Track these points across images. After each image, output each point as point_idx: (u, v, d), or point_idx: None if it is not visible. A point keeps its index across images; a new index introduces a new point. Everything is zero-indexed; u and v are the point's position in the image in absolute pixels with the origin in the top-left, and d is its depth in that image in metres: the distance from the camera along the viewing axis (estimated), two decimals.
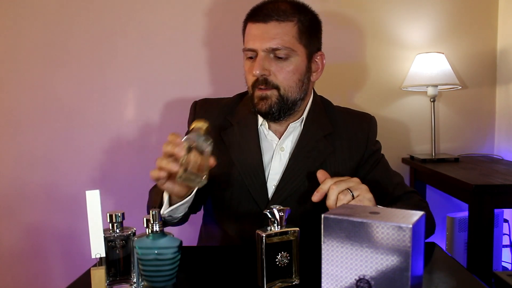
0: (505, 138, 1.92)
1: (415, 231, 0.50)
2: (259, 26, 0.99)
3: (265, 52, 0.99)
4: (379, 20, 1.94)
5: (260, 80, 1.00)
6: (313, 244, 0.80)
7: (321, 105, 1.13)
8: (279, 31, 0.99)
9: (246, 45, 1.02)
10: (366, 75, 1.95)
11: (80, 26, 1.89)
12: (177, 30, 1.90)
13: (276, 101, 1.01)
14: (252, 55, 1.01)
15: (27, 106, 1.90)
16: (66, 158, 1.91)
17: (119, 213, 0.74)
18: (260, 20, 1.00)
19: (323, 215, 0.55)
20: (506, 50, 1.90)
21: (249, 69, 1.02)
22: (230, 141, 1.08)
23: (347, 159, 1.08)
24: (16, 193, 1.91)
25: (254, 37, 1.00)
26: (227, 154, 1.07)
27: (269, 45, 0.98)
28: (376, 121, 1.16)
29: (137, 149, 1.91)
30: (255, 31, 1.00)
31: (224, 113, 1.12)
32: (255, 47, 0.99)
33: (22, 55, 1.89)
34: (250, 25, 1.02)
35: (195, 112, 1.15)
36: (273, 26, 0.99)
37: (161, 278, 0.70)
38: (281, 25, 0.99)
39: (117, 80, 1.91)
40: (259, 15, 1.00)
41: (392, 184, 1.08)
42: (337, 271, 0.54)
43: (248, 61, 1.03)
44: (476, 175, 1.51)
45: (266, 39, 0.98)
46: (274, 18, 0.99)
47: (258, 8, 1.02)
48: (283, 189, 1.04)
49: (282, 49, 0.99)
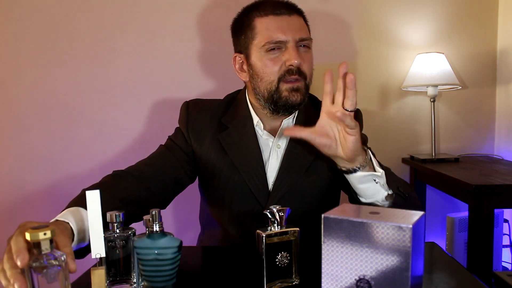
0: (505, 138, 1.92)
1: (415, 231, 0.50)
2: (284, 18, 1.01)
3: (295, 43, 1.01)
4: (379, 20, 1.94)
5: (293, 69, 1.00)
6: (313, 244, 0.80)
7: (309, 100, 1.13)
8: (302, 23, 1.04)
9: (272, 38, 1.00)
10: (366, 75, 1.95)
11: (80, 26, 1.89)
12: (177, 30, 1.90)
13: (304, 92, 1.03)
14: (277, 46, 1.01)
15: (27, 106, 1.90)
16: (66, 158, 1.91)
17: (119, 213, 0.74)
18: (284, 13, 1.02)
19: (323, 215, 0.55)
20: (506, 50, 1.90)
21: (274, 60, 1.01)
22: (228, 144, 1.08)
23: None
24: (16, 193, 1.91)
25: (283, 29, 1.00)
26: (226, 157, 1.07)
27: (300, 36, 1.01)
28: (362, 114, 1.17)
29: (137, 149, 1.91)
30: (281, 23, 1.01)
31: (218, 116, 1.12)
32: (287, 38, 1.00)
33: (22, 54, 1.89)
34: (272, 18, 1.01)
35: (188, 112, 1.13)
36: (296, 18, 1.03)
37: (161, 278, 0.70)
38: (300, 18, 1.05)
39: (118, 79, 1.91)
40: (278, 8, 1.02)
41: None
42: (337, 271, 0.54)
43: (270, 54, 1.02)
44: (476, 175, 1.51)
45: (295, 30, 1.01)
46: (296, 11, 1.04)
47: (269, 3, 1.03)
48: (281, 185, 1.05)
49: (308, 39, 1.04)
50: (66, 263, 0.59)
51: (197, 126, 1.11)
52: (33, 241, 0.55)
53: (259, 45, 1.02)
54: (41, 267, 0.56)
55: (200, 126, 1.11)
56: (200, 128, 1.11)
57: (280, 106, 1.03)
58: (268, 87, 1.03)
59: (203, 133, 1.10)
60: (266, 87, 1.03)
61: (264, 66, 1.02)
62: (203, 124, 1.11)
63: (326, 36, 1.93)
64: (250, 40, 1.04)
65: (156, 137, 1.91)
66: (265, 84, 1.03)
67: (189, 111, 1.14)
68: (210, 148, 1.09)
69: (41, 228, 0.56)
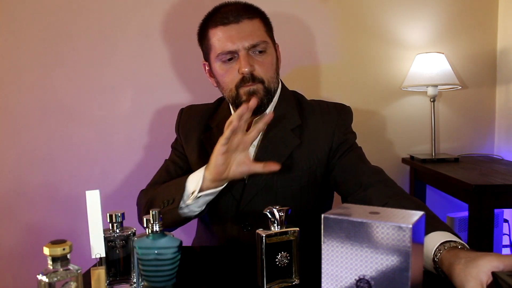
0: (505, 138, 1.92)
1: (415, 231, 0.50)
2: (232, 27, 1.01)
3: (245, 50, 1.00)
4: (379, 20, 1.94)
5: (246, 77, 1.01)
6: (313, 244, 0.80)
7: (292, 99, 1.13)
8: (253, 28, 1.02)
9: (223, 49, 1.01)
10: (366, 75, 1.95)
11: (80, 26, 1.89)
12: (177, 30, 1.90)
13: (263, 94, 1.03)
14: (230, 57, 1.02)
15: (26, 106, 1.90)
16: (66, 158, 1.91)
17: (119, 213, 0.74)
18: (231, 21, 1.01)
19: (323, 215, 0.55)
20: (506, 50, 1.90)
21: (229, 71, 1.03)
22: (210, 144, 1.08)
23: (315, 149, 1.07)
24: (16, 193, 1.91)
25: (231, 38, 1.00)
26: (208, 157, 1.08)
27: (250, 42, 1.00)
28: (351, 111, 1.15)
29: (137, 149, 1.91)
30: (230, 32, 1.01)
31: (205, 119, 1.17)
32: (236, 47, 1.00)
33: (22, 55, 1.89)
34: (221, 29, 1.02)
35: (180, 118, 1.21)
36: (246, 24, 1.01)
37: (161, 278, 0.70)
38: (252, 22, 1.02)
39: (117, 79, 1.91)
40: (226, 17, 1.01)
41: (365, 172, 1.01)
42: (337, 271, 0.54)
43: (224, 64, 1.04)
44: (476, 175, 1.51)
45: (245, 37, 1.00)
46: (245, 16, 1.02)
47: (220, 12, 1.03)
48: (253, 184, 1.05)
49: (260, 44, 1.02)
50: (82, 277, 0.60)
51: (186, 130, 1.17)
52: (51, 256, 0.57)
53: (215, 56, 1.04)
54: (59, 281, 0.57)
55: (188, 130, 1.16)
56: (188, 132, 1.16)
57: None
58: (229, 94, 1.06)
59: (190, 136, 1.16)
60: (228, 94, 1.06)
61: (222, 76, 1.06)
62: (191, 128, 1.16)
63: (325, 36, 1.93)
64: (208, 50, 1.07)
65: (156, 136, 1.91)
66: (227, 92, 1.06)
67: (181, 117, 1.21)
68: (194, 149, 1.14)
69: (60, 243, 0.58)
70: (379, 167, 1.05)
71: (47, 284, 0.57)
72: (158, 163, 1.22)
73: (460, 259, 0.65)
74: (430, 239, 0.74)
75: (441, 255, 0.70)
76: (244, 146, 0.92)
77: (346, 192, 1.02)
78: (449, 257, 0.68)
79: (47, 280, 0.56)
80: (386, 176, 1.02)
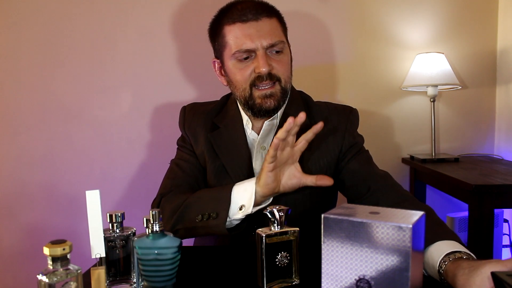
0: (505, 138, 1.92)
1: (415, 231, 0.50)
2: (252, 25, 0.98)
3: (264, 49, 0.98)
4: (379, 20, 1.94)
5: (264, 76, 0.99)
6: (313, 244, 0.80)
7: (299, 100, 1.12)
8: (272, 26, 1.00)
9: (241, 47, 0.98)
10: (366, 75, 1.95)
11: (80, 27, 1.89)
12: (177, 30, 1.90)
13: (280, 95, 1.02)
14: (247, 55, 1.00)
15: (26, 106, 1.90)
16: (66, 158, 1.91)
17: (119, 213, 0.74)
18: (250, 18, 0.98)
19: (323, 215, 0.55)
20: (506, 50, 1.90)
21: (243, 69, 1.01)
22: (218, 145, 1.08)
23: (324, 153, 1.06)
24: (16, 193, 1.91)
25: (250, 36, 0.97)
26: (217, 158, 1.07)
27: (269, 42, 0.98)
28: (358, 114, 1.13)
29: (137, 149, 1.91)
30: (249, 30, 0.98)
31: (211, 117, 1.13)
32: (255, 46, 0.98)
33: (22, 55, 1.89)
34: (239, 26, 0.98)
35: (184, 116, 1.16)
36: (265, 23, 0.99)
37: (161, 278, 0.70)
38: (271, 21, 1.00)
39: (117, 80, 1.91)
40: (245, 14, 0.98)
41: (374, 176, 1.02)
42: (337, 271, 0.54)
43: (239, 63, 1.01)
44: (476, 175, 1.51)
45: (264, 36, 0.98)
46: (264, 14, 0.99)
47: (237, 9, 1.00)
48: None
49: (278, 43, 1.00)
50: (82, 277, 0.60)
51: (192, 128, 1.13)
52: (51, 256, 0.57)
53: (230, 53, 1.01)
54: (59, 282, 0.57)
55: (195, 128, 1.13)
56: (195, 131, 1.13)
57: (256, 112, 1.04)
58: (242, 93, 1.03)
59: (198, 135, 1.12)
60: (241, 93, 1.04)
61: (235, 74, 1.03)
62: (198, 126, 1.13)
63: (326, 36, 1.93)
64: (222, 48, 1.04)
65: (156, 136, 1.91)
66: (240, 91, 1.04)
67: (185, 115, 1.16)
68: (204, 149, 1.10)
69: (60, 243, 0.58)
70: (386, 172, 1.05)
71: (47, 284, 0.57)
72: (158, 163, 1.21)
73: (463, 269, 0.65)
74: (436, 250, 0.74)
75: (446, 267, 0.70)
76: (293, 159, 0.90)
77: (353, 196, 1.02)
78: (453, 269, 0.67)
79: (47, 280, 0.56)
80: (393, 180, 1.02)
